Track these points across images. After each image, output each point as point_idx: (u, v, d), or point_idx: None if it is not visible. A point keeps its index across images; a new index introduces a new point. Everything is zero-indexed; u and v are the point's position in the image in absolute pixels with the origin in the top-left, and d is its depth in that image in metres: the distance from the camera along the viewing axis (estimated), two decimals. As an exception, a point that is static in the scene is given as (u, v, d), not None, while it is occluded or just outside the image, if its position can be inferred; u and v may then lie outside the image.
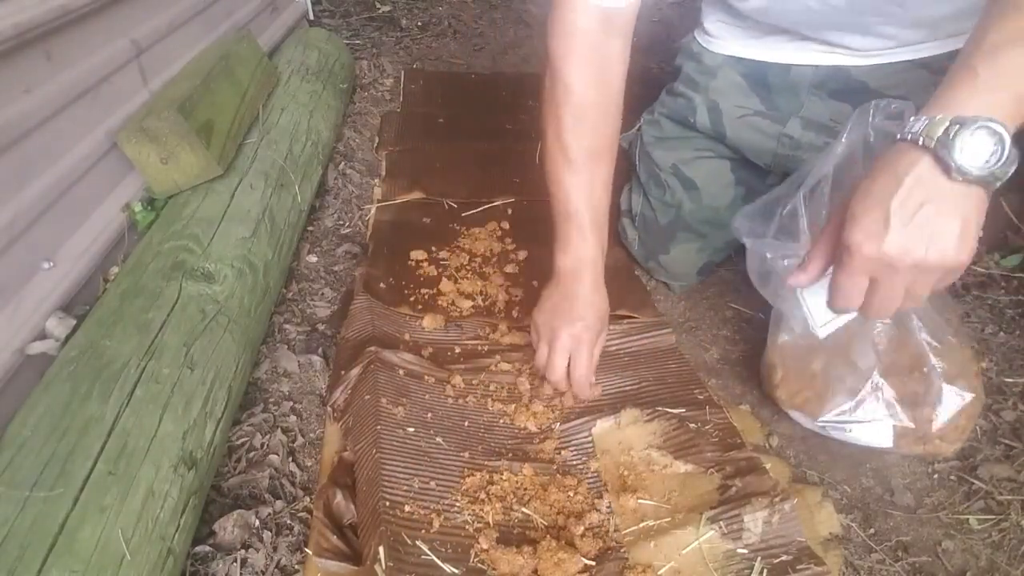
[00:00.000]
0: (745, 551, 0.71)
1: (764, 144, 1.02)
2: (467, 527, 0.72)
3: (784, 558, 0.70)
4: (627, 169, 1.23)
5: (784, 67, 0.98)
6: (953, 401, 0.81)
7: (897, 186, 0.55)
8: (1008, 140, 0.53)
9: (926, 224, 0.55)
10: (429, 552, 0.69)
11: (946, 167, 0.53)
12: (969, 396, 0.82)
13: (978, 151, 0.53)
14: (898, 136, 0.57)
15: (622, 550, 0.71)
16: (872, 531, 0.78)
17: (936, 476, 0.84)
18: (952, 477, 0.84)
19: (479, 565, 0.69)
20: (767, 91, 1.00)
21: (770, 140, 1.01)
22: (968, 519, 0.79)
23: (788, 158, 1.00)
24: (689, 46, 1.14)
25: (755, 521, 0.72)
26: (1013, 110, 0.54)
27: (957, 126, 0.53)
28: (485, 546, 0.70)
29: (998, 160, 0.53)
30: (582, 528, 0.72)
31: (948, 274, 0.57)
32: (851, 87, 0.94)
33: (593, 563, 0.69)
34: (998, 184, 0.54)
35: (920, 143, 0.55)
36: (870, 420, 0.83)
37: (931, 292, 0.59)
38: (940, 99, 0.56)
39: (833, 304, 0.61)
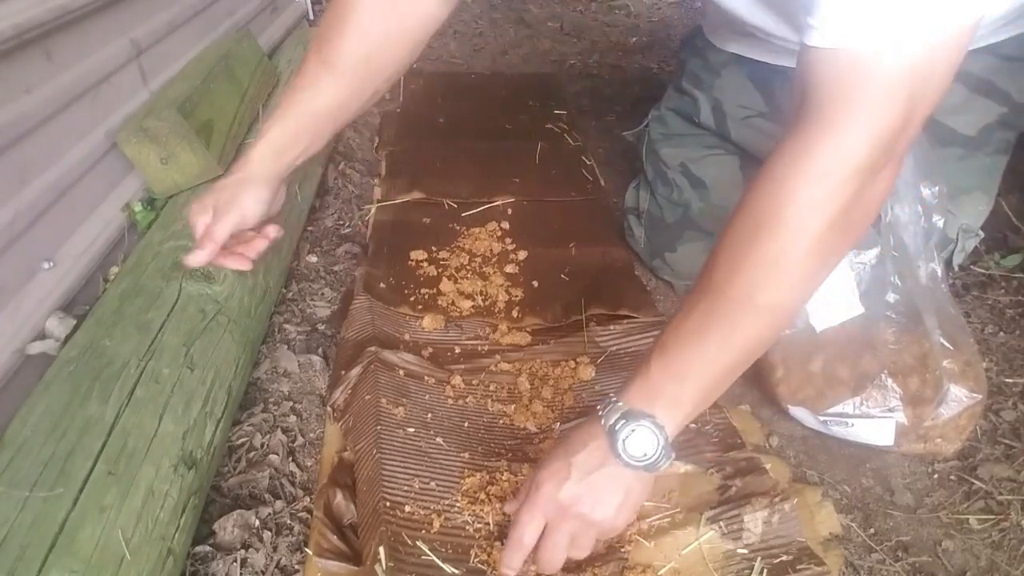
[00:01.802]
0: (745, 551, 0.71)
1: (768, 146, 1.01)
2: (467, 527, 0.73)
3: (784, 558, 0.70)
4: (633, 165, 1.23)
5: (788, 68, 0.97)
6: (960, 402, 0.82)
7: (582, 447, 0.63)
8: (663, 440, 0.60)
9: (596, 486, 0.62)
10: (429, 552, 0.69)
11: (614, 451, 0.61)
12: (978, 397, 0.82)
13: (639, 445, 0.60)
14: (598, 406, 0.64)
15: (622, 550, 0.71)
16: (872, 531, 0.78)
17: (936, 476, 0.84)
18: (952, 477, 0.84)
19: (479, 566, 0.69)
20: (771, 92, 0.99)
21: (773, 142, 1.00)
22: (968, 519, 0.79)
23: None
24: (693, 40, 1.13)
25: (755, 521, 0.72)
26: (674, 413, 0.61)
27: (623, 421, 0.60)
28: (485, 546, 0.70)
29: (655, 454, 0.60)
30: None
31: (605, 534, 0.66)
32: None
33: (593, 563, 0.69)
34: (660, 469, 0.61)
35: (603, 423, 0.62)
36: (873, 416, 0.83)
37: (591, 549, 0.65)
38: (628, 384, 0.63)
39: (509, 538, 0.65)
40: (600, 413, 0.63)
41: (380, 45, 0.79)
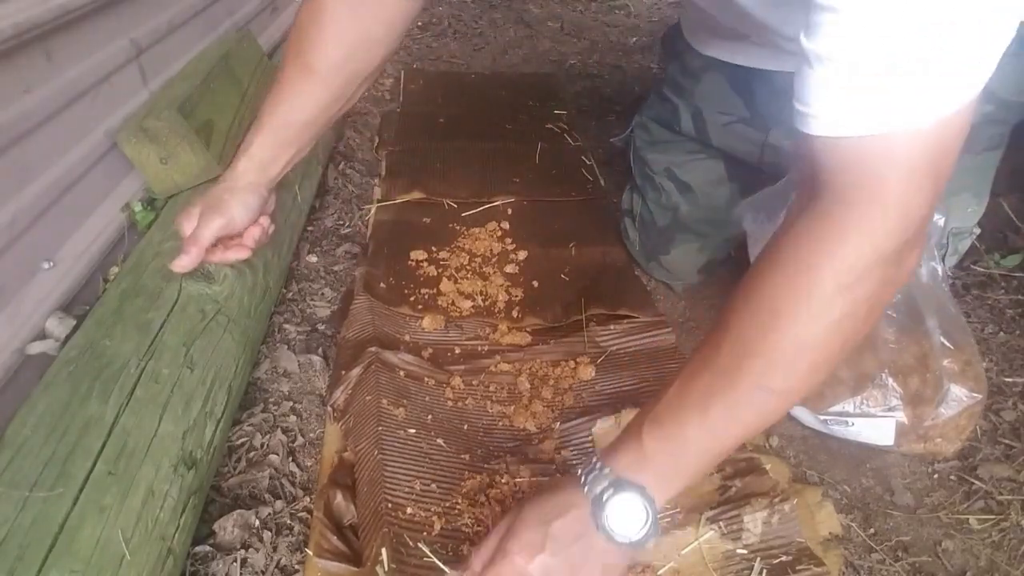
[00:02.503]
0: (745, 551, 0.71)
1: (749, 151, 1.01)
2: (467, 530, 0.72)
3: (784, 559, 0.70)
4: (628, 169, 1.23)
5: (767, 73, 0.96)
6: (960, 402, 0.82)
7: (560, 515, 0.58)
8: (653, 515, 0.56)
9: (573, 563, 0.57)
10: (431, 555, 0.69)
11: (597, 523, 0.57)
12: (978, 396, 0.82)
13: (627, 519, 0.56)
14: (580, 470, 0.60)
15: None
16: (872, 531, 0.78)
17: (936, 476, 0.84)
18: (952, 477, 0.84)
19: None
20: (751, 96, 0.99)
21: (755, 148, 1.00)
22: (968, 519, 0.79)
23: (776, 165, 0.99)
24: (673, 42, 1.12)
25: (755, 522, 0.72)
26: (665, 487, 0.57)
27: (610, 490, 0.56)
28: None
29: (644, 530, 0.56)
30: None
31: None
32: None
33: None
34: (646, 547, 0.58)
35: (585, 490, 0.58)
36: (873, 415, 0.83)
37: None
38: (615, 451, 0.59)
39: None
40: (582, 478, 0.59)
41: (359, 46, 0.78)
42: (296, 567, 0.71)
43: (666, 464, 0.57)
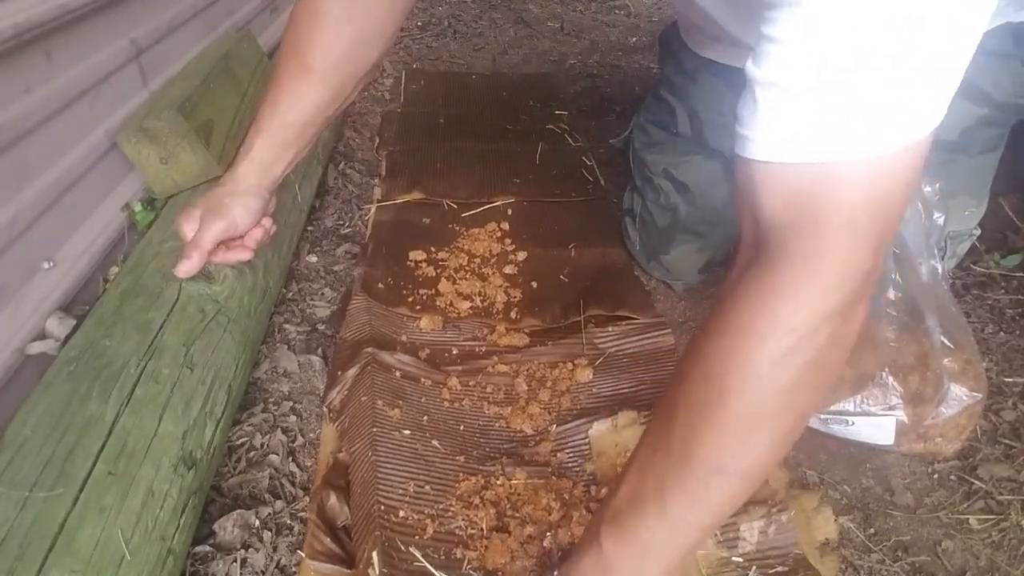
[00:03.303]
0: (740, 559, 0.71)
1: None
2: (460, 533, 0.72)
3: (779, 569, 0.70)
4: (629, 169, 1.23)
5: None
6: (960, 401, 0.82)
7: None
8: None
9: None
10: (422, 559, 0.68)
11: None
12: (978, 396, 0.82)
13: None
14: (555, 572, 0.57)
15: None
16: (872, 531, 0.78)
17: (936, 476, 0.84)
18: (952, 477, 0.84)
19: (472, 572, 0.69)
20: None
21: None
22: (968, 519, 0.79)
23: None
24: (669, 41, 1.13)
25: (751, 530, 0.72)
26: None
27: None
28: (478, 552, 0.70)
29: None
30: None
31: None
32: None
33: None
34: None
35: None
36: (873, 414, 0.83)
37: None
38: (577, 559, 0.56)
39: None
40: None
41: (356, 45, 0.78)
42: (296, 567, 0.71)
43: (630, 570, 0.53)
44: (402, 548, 0.69)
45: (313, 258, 1.19)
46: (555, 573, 0.57)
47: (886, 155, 0.44)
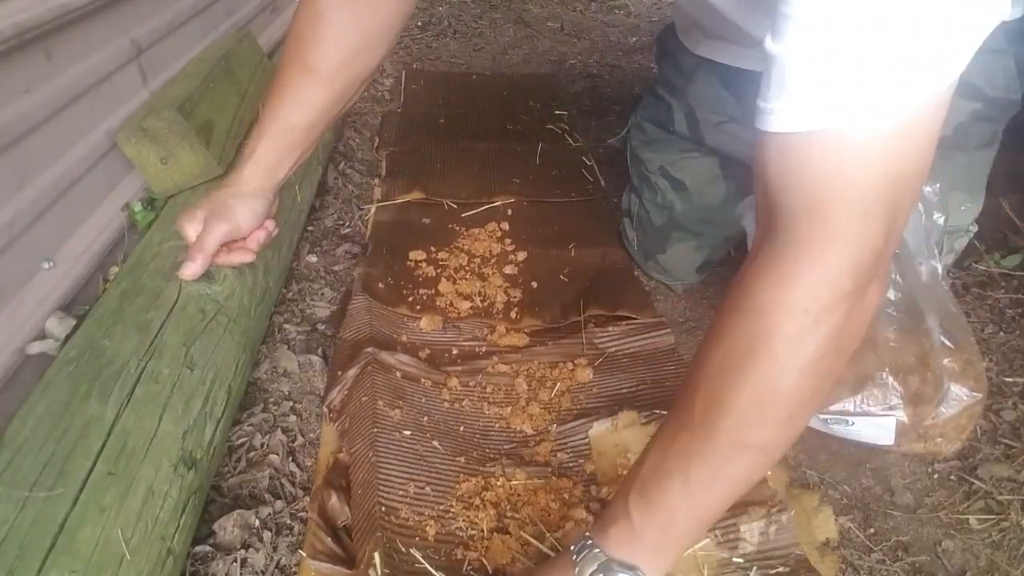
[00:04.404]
0: (741, 560, 0.71)
1: (742, 150, 1.01)
2: (461, 534, 0.72)
3: (780, 569, 0.70)
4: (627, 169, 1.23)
5: (757, 72, 0.96)
6: (960, 401, 0.82)
7: None
8: None
9: None
10: (423, 560, 0.68)
11: None
12: (978, 396, 0.82)
13: None
14: (572, 547, 0.59)
15: None
16: (872, 531, 0.78)
17: (936, 476, 0.84)
18: (952, 477, 0.84)
19: (472, 573, 0.69)
20: (743, 97, 0.99)
21: (746, 146, 1.00)
22: (968, 519, 0.79)
23: None
24: (665, 41, 1.13)
25: (751, 531, 0.72)
26: (658, 561, 0.56)
27: (601, 574, 0.55)
28: (479, 553, 0.70)
29: None
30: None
31: None
32: None
33: None
34: None
35: (576, 571, 0.57)
36: (873, 414, 0.83)
37: None
38: (605, 527, 0.58)
39: None
40: (574, 557, 0.58)
41: (359, 47, 0.78)
42: (296, 567, 0.71)
43: (656, 538, 0.56)
44: (403, 549, 0.69)
45: (313, 258, 1.19)
46: (586, 537, 0.58)
47: (893, 125, 0.45)
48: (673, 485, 0.54)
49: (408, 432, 0.82)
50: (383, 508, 0.73)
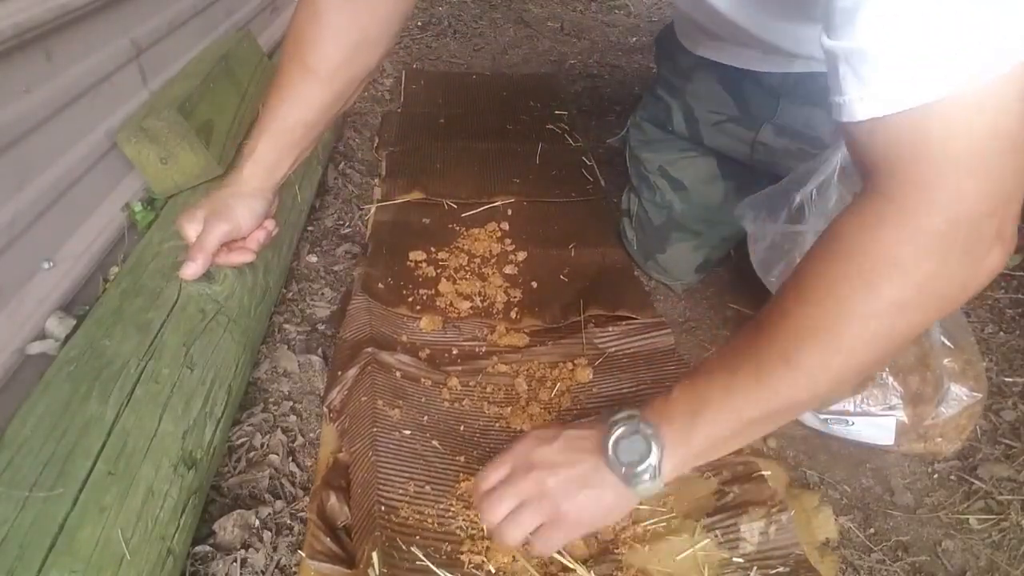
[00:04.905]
0: (741, 560, 0.71)
1: (740, 149, 1.02)
2: (461, 533, 0.72)
3: (780, 570, 0.70)
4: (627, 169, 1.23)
5: (755, 72, 0.96)
6: (960, 401, 0.82)
7: (580, 428, 0.62)
8: (656, 457, 0.57)
9: (572, 465, 0.60)
10: (423, 558, 0.68)
11: (604, 445, 0.59)
12: (978, 396, 0.82)
13: (628, 449, 0.58)
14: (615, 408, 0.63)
15: (616, 552, 0.71)
16: (872, 531, 0.78)
17: (936, 476, 0.84)
18: (952, 477, 0.84)
19: (473, 571, 0.69)
20: (742, 96, 0.99)
21: (745, 146, 1.00)
22: (968, 519, 0.79)
23: (767, 162, 1.00)
24: (664, 42, 1.13)
25: (751, 531, 0.72)
26: (679, 437, 0.58)
27: (626, 423, 0.59)
28: (479, 552, 0.70)
29: (641, 465, 0.57)
30: None
31: (559, 522, 0.60)
32: (825, 92, 0.93)
33: (586, 564, 0.69)
34: (641, 486, 0.58)
35: (608, 420, 0.61)
36: (873, 414, 0.83)
37: (559, 545, 0.63)
38: (652, 397, 0.61)
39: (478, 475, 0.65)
40: (615, 410, 0.62)
41: (358, 46, 0.79)
42: (296, 567, 0.71)
43: (682, 423, 0.58)
44: (403, 548, 0.69)
45: (313, 258, 1.19)
46: (632, 408, 0.61)
47: (978, 91, 0.45)
48: (717, 379, 0.57)
49: (408, 432, 0.82)
50: (383, 507, 0.73)
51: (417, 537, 0.71)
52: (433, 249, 1.17)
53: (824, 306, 0.52)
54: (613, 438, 0.59)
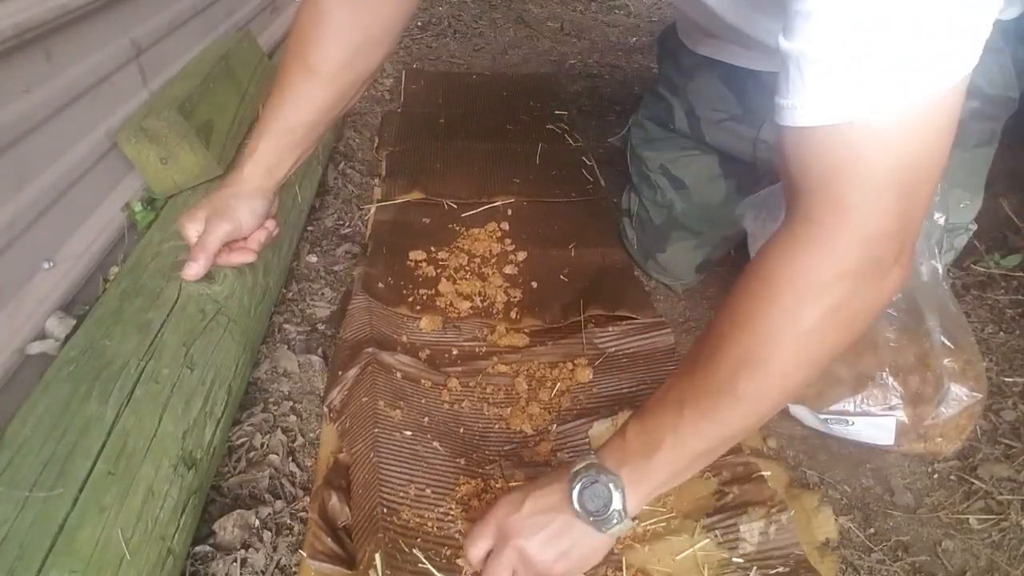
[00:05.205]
0: (741, 560, 0.71)
1: (742, 148, 1.01)
2: (460, 537, 0.72)
3: (780, 570, 0.70)
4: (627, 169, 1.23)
5: (757, 71, 0.96)
6: (960, 401, 0.82)
7: (544, 487, 0.63)
8: (620, 501, 0.59)
9: (542, 526, 0.61)
10: (425, 561, 0.68)
11: (568, 498, 0.61)
12: (978, 396, 0.82)
13: (593, 498, 0.60)
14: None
15: (615, 551, 0.71)
16: (872, 531, 0.78)
17: (936, 476, 0.84)
18: (952, 477, 0.84)
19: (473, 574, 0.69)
20: (744, 94, 0.99)
21: (747, 144, 1.00)
22: (968, 519, 0.79)
23: (769, 161, 0.99)
24: (666, 41, 1.13)
25: (751, 532, 0.72)
26: (639, 479, 0.60)
27: (587, 473, 0.60)
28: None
29: (606, 512, 0.59)
30: None
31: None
32: None
33: None
34: (610, 530, 0.60)
35: (571, 471, 0.62)
36: (873, 415, 0.83)
37: None
38: (609, 440, 0.63)
39: (463, 547, 0.66)
40: (576, 463, 0.63)
41: (360, 47, 0.79)
42: (296, 567, 0.71)
43: (639, 462, 0.60)
44: (405, 550, 0.69)
45: (313, 258, 1.19)
46: (589, 451, 0.64)
47: (909, 114, 0.46)
48: (666, 419, 0.59)
49: (409, 433, 0.82)
50: (384, 509, 0.73)
51: (418, 540, 0.71)
52: (433, 249, 1.17)
53: (756, 333, 0.54)
54: (576, 490, 0.60)
